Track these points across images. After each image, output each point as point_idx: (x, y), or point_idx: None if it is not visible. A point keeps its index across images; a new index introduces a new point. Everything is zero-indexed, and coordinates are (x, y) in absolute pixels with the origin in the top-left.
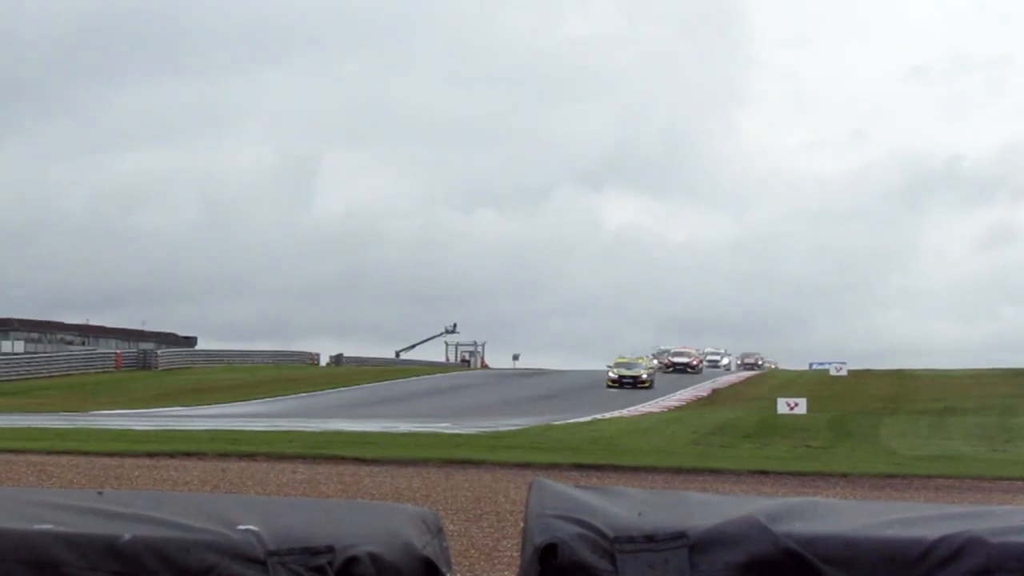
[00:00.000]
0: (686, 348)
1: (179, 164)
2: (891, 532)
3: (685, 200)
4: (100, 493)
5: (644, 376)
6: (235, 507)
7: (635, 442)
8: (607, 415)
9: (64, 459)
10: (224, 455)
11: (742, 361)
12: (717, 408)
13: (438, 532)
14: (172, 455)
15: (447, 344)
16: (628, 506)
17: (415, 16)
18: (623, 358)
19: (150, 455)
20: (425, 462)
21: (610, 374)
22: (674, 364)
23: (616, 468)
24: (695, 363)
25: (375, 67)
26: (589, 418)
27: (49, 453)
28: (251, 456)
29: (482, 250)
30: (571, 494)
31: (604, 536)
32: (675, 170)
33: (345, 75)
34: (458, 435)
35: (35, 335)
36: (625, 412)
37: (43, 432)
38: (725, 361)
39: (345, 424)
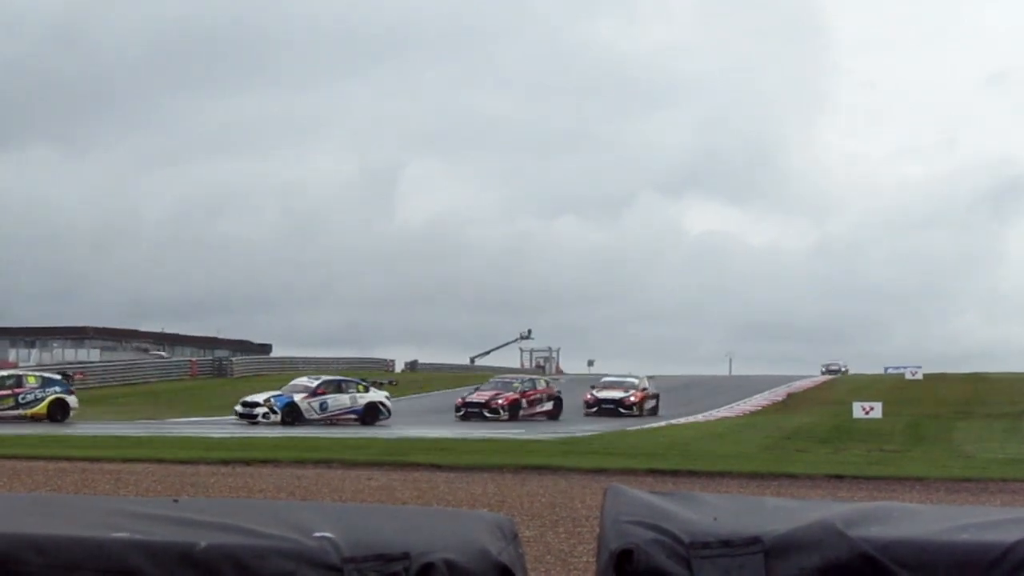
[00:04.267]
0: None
1: (261, 173)
2: (966, 536)
3: (766, 207)
4: (176, 501)
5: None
6: (310, 514)
7: (710, 447)
8: (681, 420)
9: (140, 467)
10: (299, 462)
11: (826, 368)
12: (792, 413)
13: (513, 538)
14: (247, 462)
15: (522, 350)
16: (703, 511)
17: (496, 26)
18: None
19: (225, 462)
20: (500, 468)
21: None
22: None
23: (691, 473)
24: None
25: (457, 77)
26: (664, 423)
27: (125, 461)
28: (326, 463)
29: (561, 257)
30: (647, 499)
31: (680, 542)
32: (756, 177)
33: (426, 85)
34: (532, 441)
35: (111, 343)
36: (700, 417)
37: (120, 440)
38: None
39: (420, 431)
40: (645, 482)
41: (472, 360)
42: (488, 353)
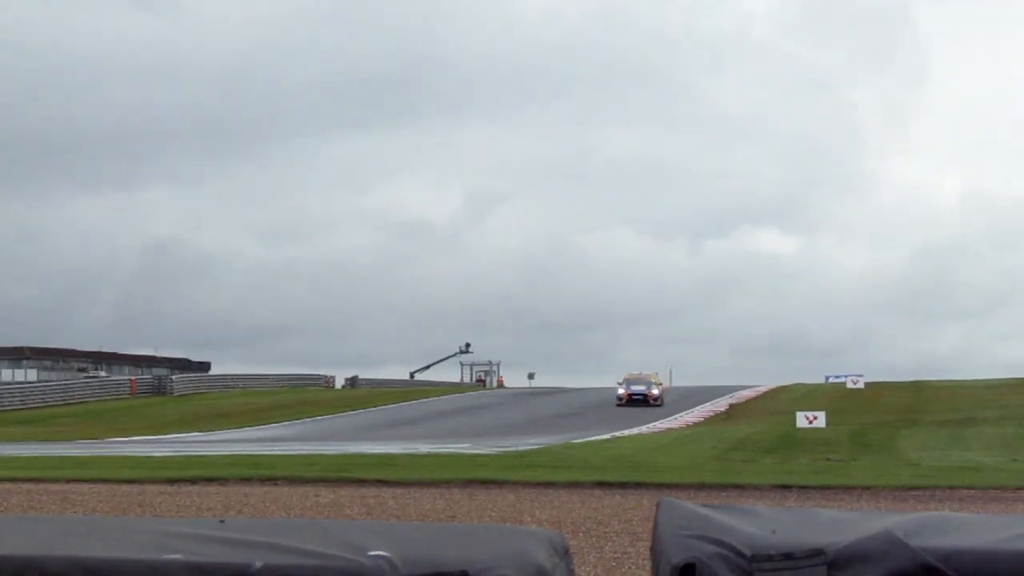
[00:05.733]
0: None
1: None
2: None
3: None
4: (222, 522)
5: (656, 393)
6: (363, 533)
7: (656, 459)
8: (626, 432)
9: (85, 487)
10: (245, 480)
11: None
12: (735, 423)
13: (565, 554)
14: (193, 481)
15: (462, 364)
16: (761, 524)
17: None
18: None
19: (171, 482)
20: (448, 483)
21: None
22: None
23: (639, 485)
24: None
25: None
26: (608, 435)
27: (70, 481)
28: (272, 480)
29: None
30: (704, 513)
31: (741, 555)
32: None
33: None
34: (479, 455)
35: (48, 363)
36: (644, 429)
37: (63, 460)
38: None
39: (365, 447)
40: (594, 495)
41: (412, 375)
42: (428, 368)
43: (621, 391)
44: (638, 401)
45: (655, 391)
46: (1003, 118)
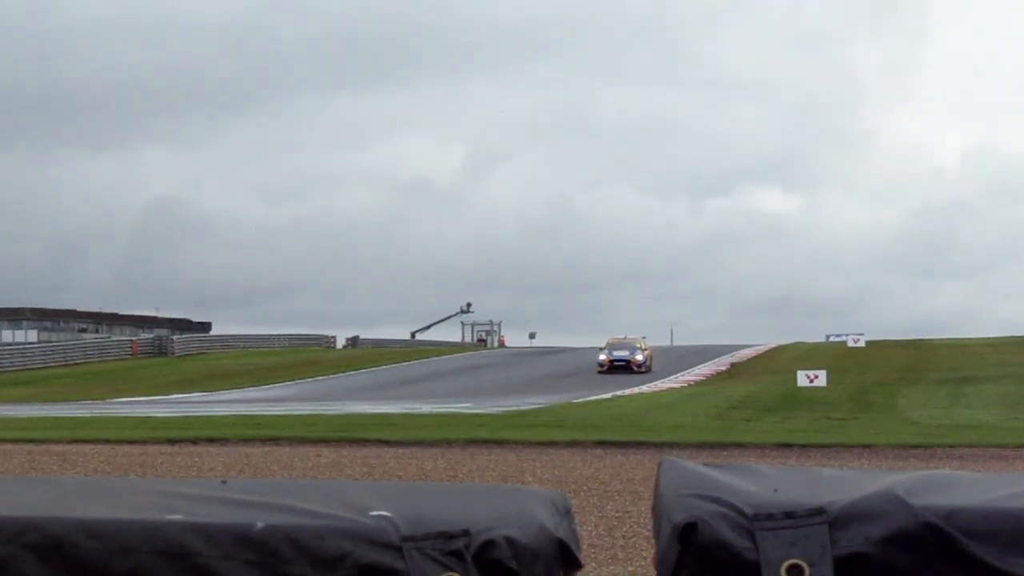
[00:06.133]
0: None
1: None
2: None
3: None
4: (224, 482)
5: (640, 359)
6: (365, 493)
7: (658, 418)
8: (628, 391)
9: (87, 448)
10: (247, 440)
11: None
12: (737, 382)
13: (567, 513)
14: (194, 441)
15: (463, 324)
16: (763, 483)
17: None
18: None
19: (172, 442)
20: (449, 443)
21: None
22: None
23: (640, 444)
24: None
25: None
26: (610, 395)
27: (71, 442)
28: (274, 440)
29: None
30: (705, 472)
31: (743, 514)
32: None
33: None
34: (480, 415)
35: (48, 324)
36: (645, 388)
37: (62, 421)
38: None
39: (366, 407)
40: (595, 454)
41: (413, 335)
42: (429, 328)
43: (602, 357)
44: (620, 368)
45: (639, 356)
46: (1004, 74)
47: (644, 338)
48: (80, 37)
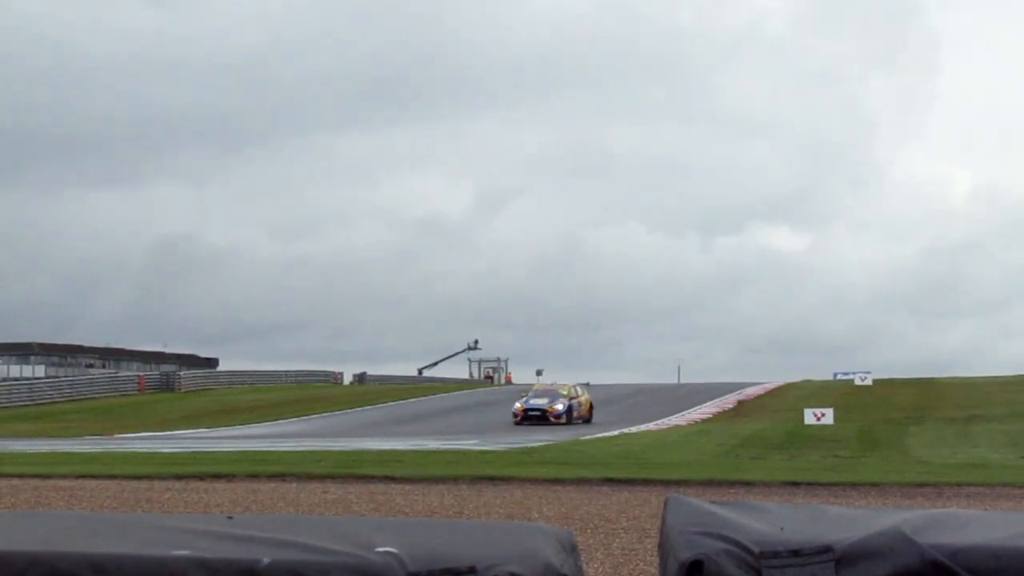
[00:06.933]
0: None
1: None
2: None
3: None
4: (230, 518)
5: (559, 408)
6: (371, 529)
7: (664, 455)
8: (634, 429)
9: (93, 483)
10: (253, 476)
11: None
12: (744, 420)
13: (573, 550)
14: (201, 477)
15: (470, 361)
16: (769, 521)
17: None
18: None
19: (178, 478)
20: (455, 479)
21: (515, 405)
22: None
23: (647, 482)
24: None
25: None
26: (617, 432)
27: (78, 477)
28: (280, 476)
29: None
30: (711, 510)
31: (749, 552)
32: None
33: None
34: (486, 452)
35: (56, 359)
36: (652, 426)
37: (69, 457)
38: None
39: (373, 443)
40: (601, 491)
41: (420, 372)
42: (436, 364)
43: (517, 405)
44: (535, 418)
45: (558, 406)
46: (1015, 112)
47: (585, 385)
48: (90, 74)
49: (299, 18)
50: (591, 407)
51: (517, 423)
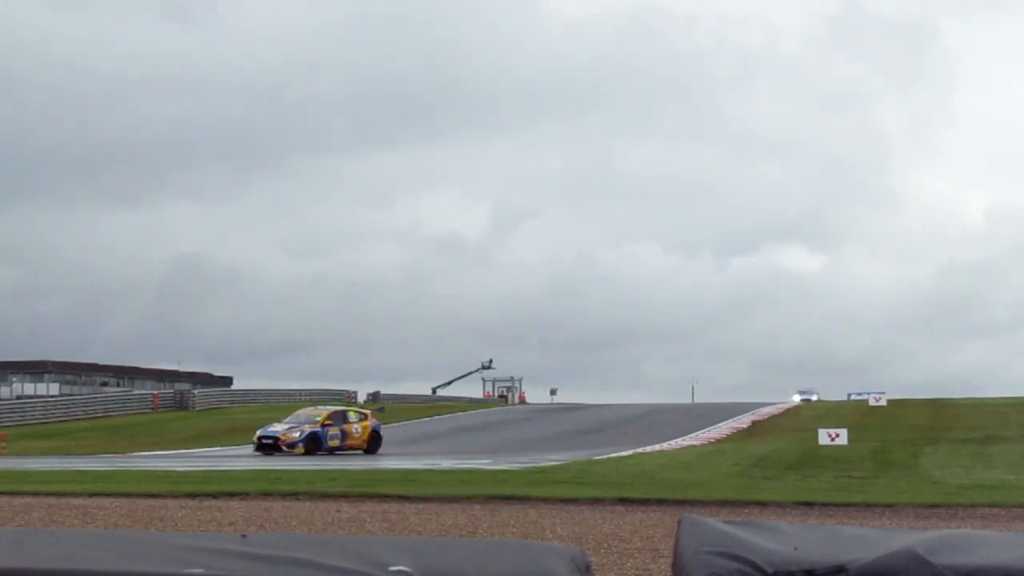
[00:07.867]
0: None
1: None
2: None
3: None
4: (244, 536)
5: (295, 436)
6: (385, 548)
7: (678, 475)
8: (648, 449)
9: (107, 501)
10: (267, 495)
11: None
12: (758, 440)
13: (586, 570)
14: (215, 495)
15: (484, 380)
16: (782, 541)
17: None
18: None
19: (192, 496)
20: (469, 499)
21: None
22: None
23: (661, 502)
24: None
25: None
26: (631, 452)
27: (92, 495)
28: (294, 495)
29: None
30: (725, 530)
31: (762, 571)
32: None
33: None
34: (500, 471)
35: (70, 377)
36: (666, 446)
37: (83, 475)
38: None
39: (387, 462)
40: (615, 511)
41: (434, 391)
42: (450, 384)
43: (258, 434)
44: (268, 446)
45: (295, 434)
46: None
47: (362, 405)
48: (106, 94)
49: (316, 39)
50: (372, 435)
51: (255, 451)
